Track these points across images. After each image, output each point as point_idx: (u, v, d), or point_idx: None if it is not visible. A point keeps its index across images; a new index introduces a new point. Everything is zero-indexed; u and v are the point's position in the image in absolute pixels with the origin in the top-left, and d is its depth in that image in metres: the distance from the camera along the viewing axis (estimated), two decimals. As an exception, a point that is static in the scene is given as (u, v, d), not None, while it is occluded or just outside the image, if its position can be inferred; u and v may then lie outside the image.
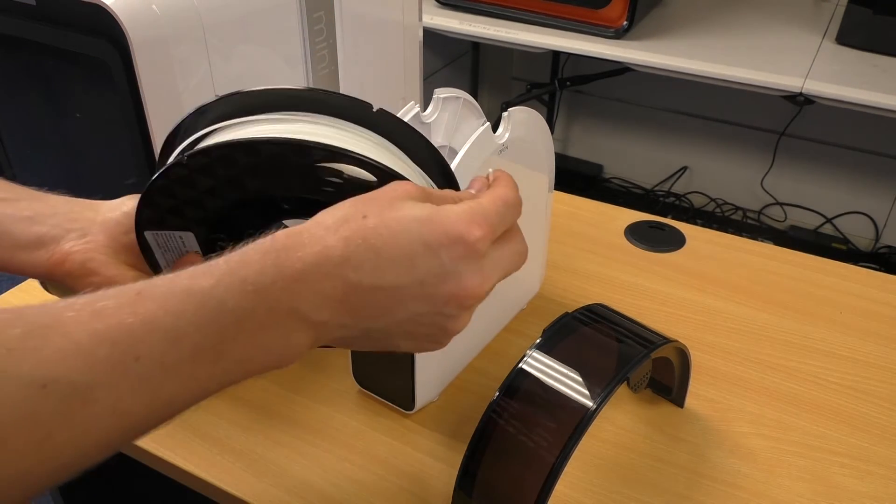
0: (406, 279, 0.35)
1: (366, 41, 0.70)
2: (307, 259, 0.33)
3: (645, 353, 0.49)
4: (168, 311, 0.31)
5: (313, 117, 0.41)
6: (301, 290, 0.33)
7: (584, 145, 2.29)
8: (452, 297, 0.36)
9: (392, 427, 0.60)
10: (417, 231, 0.35)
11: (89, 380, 0.29)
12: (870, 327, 0.71)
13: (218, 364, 0.32)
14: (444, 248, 0.35)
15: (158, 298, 0.31)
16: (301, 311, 0.33)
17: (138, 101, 0.52)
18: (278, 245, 0.33)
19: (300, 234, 0.34)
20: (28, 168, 0.71)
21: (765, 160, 2.02)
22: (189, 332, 0.31)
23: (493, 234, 0.37)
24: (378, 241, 0.34)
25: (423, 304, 0.36)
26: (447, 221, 0.35)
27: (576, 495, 0.55)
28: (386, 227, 0.34)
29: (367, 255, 0.34)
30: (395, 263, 0.34)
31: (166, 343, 0.31)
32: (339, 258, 0.33)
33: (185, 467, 0.57)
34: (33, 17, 0.55)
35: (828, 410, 0.62)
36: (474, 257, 0.36)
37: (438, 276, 0.35)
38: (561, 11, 1.57)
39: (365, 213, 0.35)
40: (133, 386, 0.30)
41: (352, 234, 0.34)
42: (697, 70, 1.44)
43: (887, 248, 1.95)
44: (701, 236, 0.84)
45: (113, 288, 0.31)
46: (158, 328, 0.30)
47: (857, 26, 1.48)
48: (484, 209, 0.37)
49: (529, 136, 0.61)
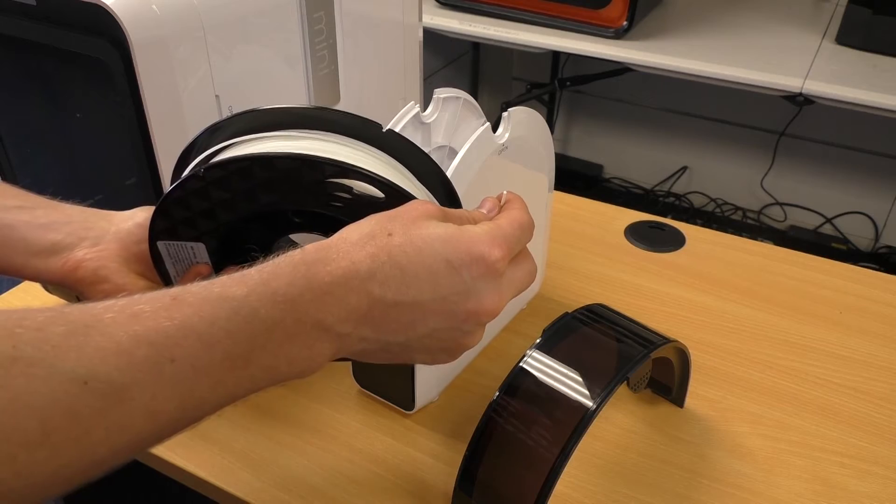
0: (428, 295, 0.36)
1: (366, 41, 0.70)
2: (335, 273, 0.35)
3: (645, 353, 0.49)
4: (203, 317, 0.32)
5: (325, 135, 0.42)
6: (328, 302, 0.34)
7: (584, 145, 2.29)
8: (471, 314, 0.38)
9: (392, 427, 0.60)
10: (441, 249, 0.36)
11: (127, 379, 0.30)
12: (870, 327, 0.71)
13: (246, 370, 0.33)
14: (465, 267, 0.37)
15: (194, 304, 0.32)
16: (326, 322, 0.35)
17: (138, 101, 0.52)
18: (308, 258, 0.35)
19: (328, 248, 0.36)
20: (28, 168, 0.71)
21: (765, 160, 2.02)
22: (221, 337, 0.32)
23: (510, 255, 0.39)
24: (403, 259, 0.36)
25: (442, 320, 0.37)
26: (469, 241, 0.37)
27: (576, 495, 0.55)
28: (411, 244, 0.36)
29: (392, 272, 0.35)
30: (419, 280, 0.36)
31: (200, 347, 0.32)
32: (366, 273, 0.35)
33: (185, 467, 0.57)
34: (33, 17, 0.55)
35: (828, 410, 0.62)
36: (494, 276, 0.38)
37: (460, 293, 0.37)
38: (561, 11, 1.57)
39: (390, 230, 0.36)
40: (167, 387, 0.31)
41: (378, 250, 0.35)
42: (697, 70, 1.44)
43: (887, 248, 1.95)
44: (701, 236, 0.84)
45: (148, 293, 0.33)
46: (193, 332, 0.32)
47: (856, 26, 1.48)
48: (503, 231, 0.39)
49: (529, 136, 0.61)
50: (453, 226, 0.38)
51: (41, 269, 0.47)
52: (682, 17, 1.69)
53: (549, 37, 1.56)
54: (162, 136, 0.54)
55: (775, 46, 1.53)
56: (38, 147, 0.72)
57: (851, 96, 1.34)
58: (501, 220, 0.40)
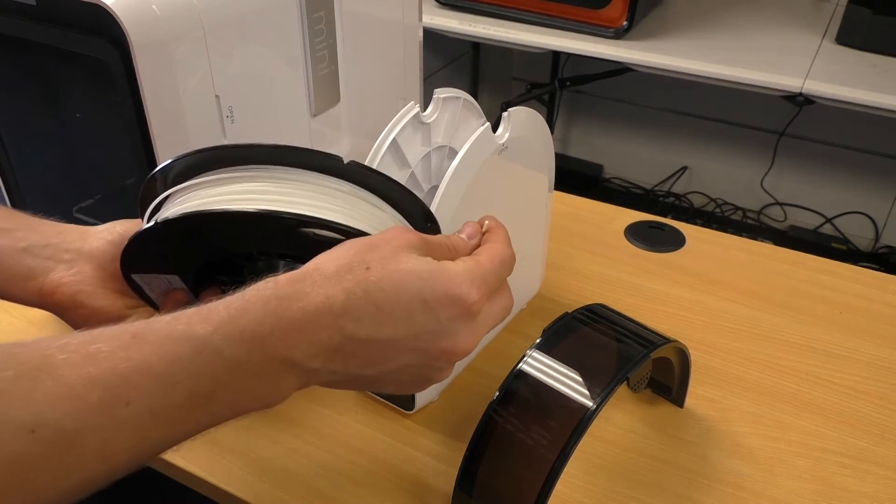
0: (402, 333, 0.36)
1: (366, 41, 0.70)
2: (308, 309, 0.34)
3: (645, 353, 0.49)
4: (163, 357, 0.31)
5: (286, 172, 0.41)
6: (297, 339, 0.33)
7: (584, 145, 2.29)
8: (444, 353, 0.37)
9: (392, 427, 0.60)
10: (418, 287, 0.35)
11: (78, 425, 0.29)
12: (870, 327, 0.71)
13: (207, 408, 0.33)
14: (442, 308, 0.36)
15: (155, 343, 0.31)
16: (294, 358, 0.34)
17: (138, 101, 0.52)
18: (281, 293, 0.34)
19: (303, 280, 0.34)
20: (28, 168, 0.71)
21: (765, 160, 2.02)
22: (182, 378, 0.31)
23: (489, 294, 0.38)
24: (379, 295, 0.35)
25: (414, 357, 0.37)
26: (448, 282, 0.36)
27: (576, 495, 0.55)
28: (389, 279, 0.35)
29: (367, 309, 0.34)
30: (394, 318, 0.35)
31: (158, 388, 0.31)
32: (340, 309, 0.34)
33: (185, 467, 0.57)
34: (33, 17, 0.55)
35: (828, 410, 0.62)
36: (470, 318, 0.37)
37: (434, 332, 0.36)
38: (561, 11, 1.57)
39: (368, 263, 0.35)
40: (121, 431, 0.30)
41: (354, 285, 0.34)
42: (697, 70, 1.44)
43: (887, 248, 1.95)
44: (701, 236, 0.84)
45: (108, 328, 0.32)
46: (152, 374, 0.31)
47: (856, 26, 1.48)
48: (482, 269, 0.38)
49: (529, 136, 0.61)
50: (433, 262, 0.37)
51: (21, 292, 0.46)
52: (682, 17, 1.69)
53: (549, 37, 1.56)
54: (162, 136, 0.54)
55: (775, 46, 1.53)
56: (38, 147, 0.72)
57: (851, 96, 1.34)
58: (482, 256, 0.39)
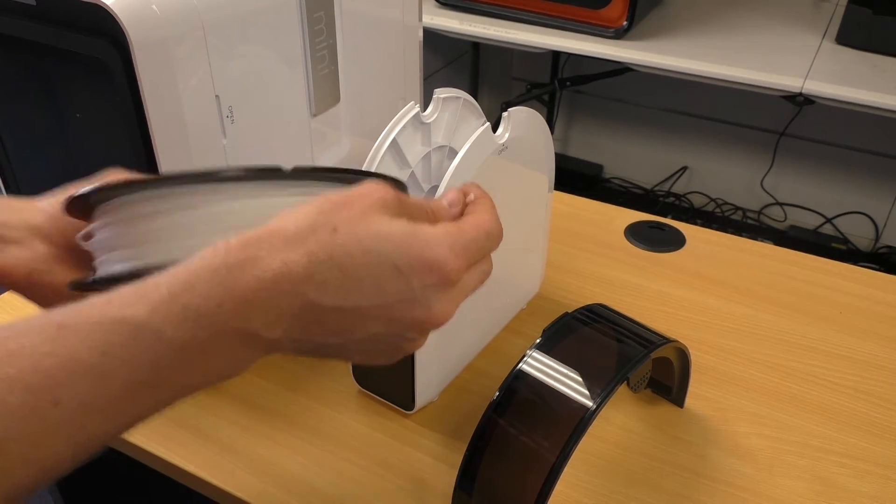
0: (371, 301, 0.32)
1: (366, 41, 0.70)
2: (264, 277, 0.30)
3: (645, 353, 0.49)
4: (93, 348, 0.28)
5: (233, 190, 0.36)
6: (252, 310, 0.30)
7: (584, 145, 2.29)
8: (417, 323, 0.34)
9: (392, 427, 0.60)
10: (390, 252, 0.32)
11: (0, 432, 0.26)
12: (870, 327, 0.71)
13: (153, 395, 0.30)
14: (416, 275, 0.33)
15: (81, 332, 0.28)
16: (250, 329, 0.31)
17: (138, 101, 0.52)
18: (231, 260, 0.30)
19: (258, 244, 0.31)
20: (28, 168, 0.71)
21: (765, 160, 2.02)
22: (117, 367, 0.28)
23: (468, 266, 0.35)
24: (346, 260, 0.31)
25: (384, 326, 0.34)
26: (424, 246, 0.33)
27: (576, 495, 0.55)
28: (358, 243, 0.32)
29: (332, 274, 0.31)
30: (362, 284, 0.32)
31: (90, 383, 0.28)
32: (301, 275, 0.31)
33: (185, 467, 0.57)
34: (33, 17, 0.55)
35: (827, 410, 0.62)
36: (447, 287, 0.34)
37: (406, 301, 0.33)
38: (561, 11, 1.57)
39: (335, 224, 0.32)
40: (51, 432, 0.27)
41: (318, 248, 0.31)
42: (697, 70, 1.44)
43: (887, 248, 1.95)
44: (701, 236, 0.84)
45: (33, 319, 0.29)
46: (80, 368, 0.28)
47: (856, 26, 1.48)
48: (466, 237, 0.35)
49: (529, 136, 0.61)
50: (407, 224, 0.33)
51: None
52: (682, 17, 1.69)
53: (549, 37, 1.56)
54: (162, 136, 0.54)
55: (775, 46, 1.53)
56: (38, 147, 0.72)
57: (851, 96, 1.34)
58: (466, 224, 0.36)
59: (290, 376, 0.65)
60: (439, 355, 0.60)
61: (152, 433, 0.60)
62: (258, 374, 0.65)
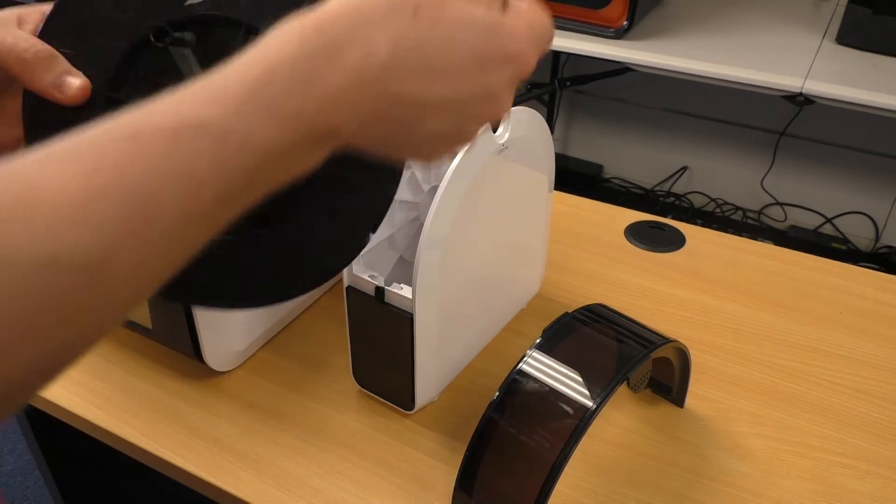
0: (451, 95, 0.31)
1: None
2: (347, 70, 0.28)
3: (645, 353, 0.49)
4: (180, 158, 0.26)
5: None
6: (335, 108, 0.28)
7: (584, 145, 2.29)
8: (479, 118, 0.33)
9: (392, 427, 0.60)
10: (474, 42, 0.30)
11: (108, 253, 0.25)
12: (870, 327, 0.71)
13: (239, 204, 0.28)
14: (496, 68, 0.31)
15: (162, 141, 0.26)
16: (332, 127, 0.29)
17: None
18: (307, 49, 0.28)
19: (334, 26, 0.28)
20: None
21: (765, 160, 2.02)
22: (209, 179, 0.26)
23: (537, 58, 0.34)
24: (430, 49, 0.29)
25: (451, 122, 0.32)
26: (508, 40, 0.31)
27: (576, 495, 0.55)
28: (444, 30, 0.29)
29: (416, 65, 0.29)
30: (445, 76, 0.30)
31: (185, 193, 0.26)
32: (384, 64, 0.28)
33: (185, 467, 0.57)
34: (33, 17, 0.55)
35: (828, 410, 0.62)
36: (518, 79, 0.33)
37: (478, 99, 0.32)
38: (561, 11, 1.57)
39: (417, 3, 0.29)
40: (151, 245, 0.26)
41: (402, 34, 0.29)
42: (697, 70, 1.44)
43: (887, 248, 1.95)
44: (701, 236, 0.84)
45: (100, 132, 0.26)
46: (171, 176, 0.26)
47: (856, 26, 1.48)
48: (542, 26, 0.33)
49: (529, 136, 0.61)
50: (489, 12, 0.31)
51: None
52: (682, 17, 1.69)
53: (549, 37, 1.56)
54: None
55: (775, 46, 1.53)
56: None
57: (851, 96, 1.34)
58: (534, 14, 0.34)
59: (290, 376, 0.65)
60: (439, 355, 0.60)
61: (153, 433, 0.60)
62: (258, 374, 0.65)
